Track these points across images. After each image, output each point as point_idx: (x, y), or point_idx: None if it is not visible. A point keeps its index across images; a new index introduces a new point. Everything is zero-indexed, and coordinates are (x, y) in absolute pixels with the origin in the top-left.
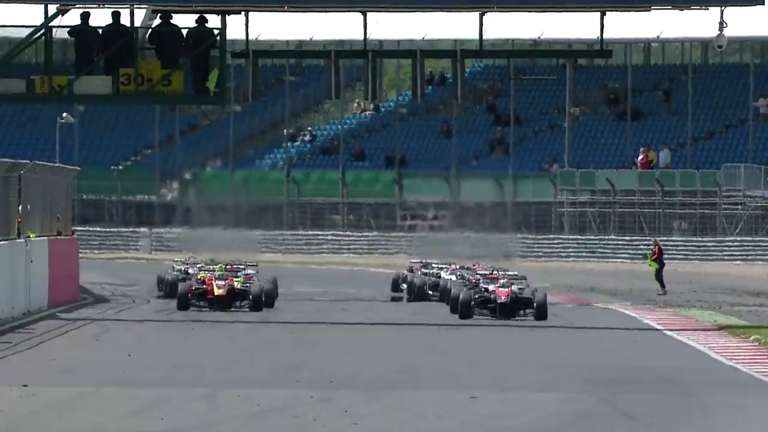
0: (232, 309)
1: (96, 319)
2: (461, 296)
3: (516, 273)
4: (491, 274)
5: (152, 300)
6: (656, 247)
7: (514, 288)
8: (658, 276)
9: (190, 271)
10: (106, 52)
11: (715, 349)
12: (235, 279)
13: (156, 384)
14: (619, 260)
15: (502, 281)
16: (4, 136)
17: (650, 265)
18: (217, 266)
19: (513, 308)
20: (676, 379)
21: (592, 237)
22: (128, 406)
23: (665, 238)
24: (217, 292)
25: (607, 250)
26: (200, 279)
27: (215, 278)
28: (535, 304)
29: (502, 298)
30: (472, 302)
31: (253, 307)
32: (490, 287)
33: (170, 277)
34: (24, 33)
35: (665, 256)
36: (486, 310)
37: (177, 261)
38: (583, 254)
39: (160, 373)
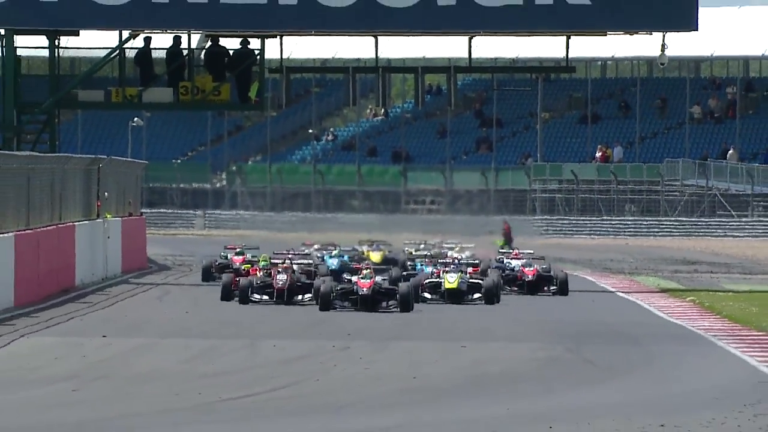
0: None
1: (159, 283)
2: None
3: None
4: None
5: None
6: (506, 225)
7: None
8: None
9: (234, 258)
10: (169, 68)
11: (659, 307)
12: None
13: (207, 336)
14: (581, 237)
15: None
16: (86, 136)
17: (496, 242)
18: (261, 257)
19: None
20: (627, 332)
21: (559, 217)
22: (184, 354)
23: (619, 218)
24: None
25: (571, 229)
26: (244, 270)
27: (259, 269)
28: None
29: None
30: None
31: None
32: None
33: (207, 262)
34: (101, 53)
35: (626, 232)
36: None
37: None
38: (551, 232)
39: (210, 327)
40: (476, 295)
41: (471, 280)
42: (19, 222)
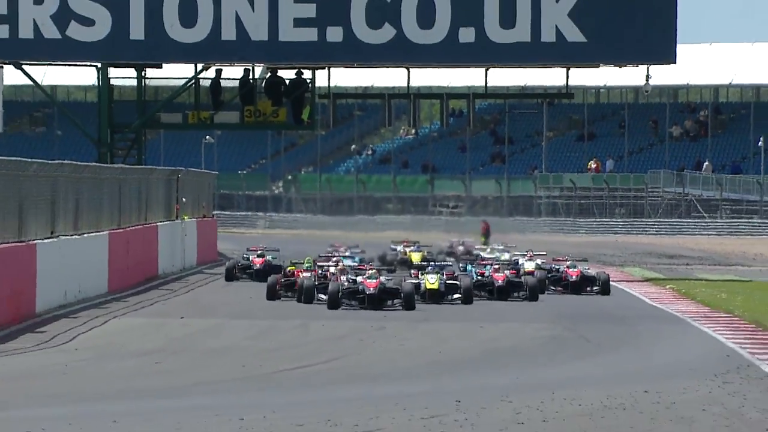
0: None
1: (249, 285)
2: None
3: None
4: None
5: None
6: (484, 224)
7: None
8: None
9: (255, 259)
10: (236, 95)
11: (643, 294)
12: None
13: (267, 317)
14: (579, 235)
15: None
16: (167, 151)
17: (482, 239)
18: (305, 259)
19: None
20: (616, 314)
21: (561, 219)
22: (249, 332)
23: (610, 219)
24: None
25: (570, 228)
26: (289, 271)
27: (303, 270)
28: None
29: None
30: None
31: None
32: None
33: (231, 264)
34: (180, 82)
35: (616, 231)
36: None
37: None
38: (554, 230)
39: (271, 310)
40: (456, 296)
41: (448, 281)
42: (113, 223)
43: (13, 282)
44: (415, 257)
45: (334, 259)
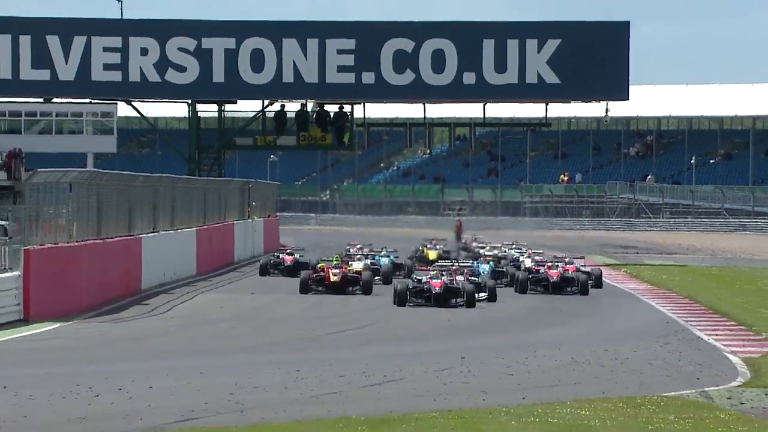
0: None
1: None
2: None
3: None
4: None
5: (318, 250)
6: (458, 223)
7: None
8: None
9: (285, 257)
10: (294, 123)
11: (604, 275)
12: (348, 267)
13: (316, 293)
14: (555, 231)
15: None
16: (242, 167)
17: (453, 235)
18: (334, 256)
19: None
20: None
21: (541, 218)
22: (302, 305)
23: (579, 219)
24: (332, 278)
25: (548, 225)
26: (319, 267)
27: (332, 267)
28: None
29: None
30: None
31: (363, 291)
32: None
33: (264, 261)
34: (251, 114)
35: (583, 228)
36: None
37: (279, 250)
38: (536, 228)
39: None
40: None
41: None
42: (199, 221)
43: (124, 266)
44: (432, 254)
45: (358, 256)
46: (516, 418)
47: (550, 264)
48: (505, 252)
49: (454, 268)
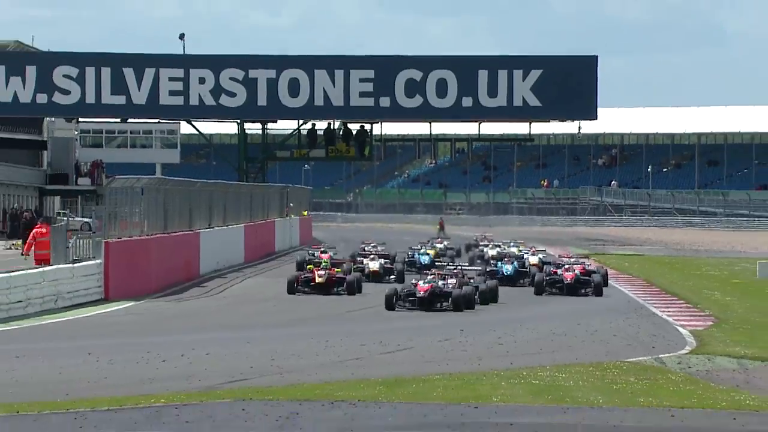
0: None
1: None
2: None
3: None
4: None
5: (342, 243)
6: (441, 220)
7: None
8: (441, 232)
9: (321, 255)
10: (323, 139)
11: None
12: (336, 270)
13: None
14: (536, 227)
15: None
16: (281, 175)
17: (437, 229)
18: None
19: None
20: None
21: (526, 217)
22: None
23: (556, 217)
24: (318, 280)
25: (531, 223)
26: (308, 268)
27: (319, 268)
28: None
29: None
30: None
31: (348, 292)
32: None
33: (300, 258)
34: (288, 131)
35: (559, 224)
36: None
37: (312, 249)
38: (522, 224)
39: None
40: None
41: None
42: (246, 219)
43: (185, 256)
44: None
45: (371, 255)
46: (505, 379)
47: (567, 266)
48: (505, 250)
49: (455, 270)
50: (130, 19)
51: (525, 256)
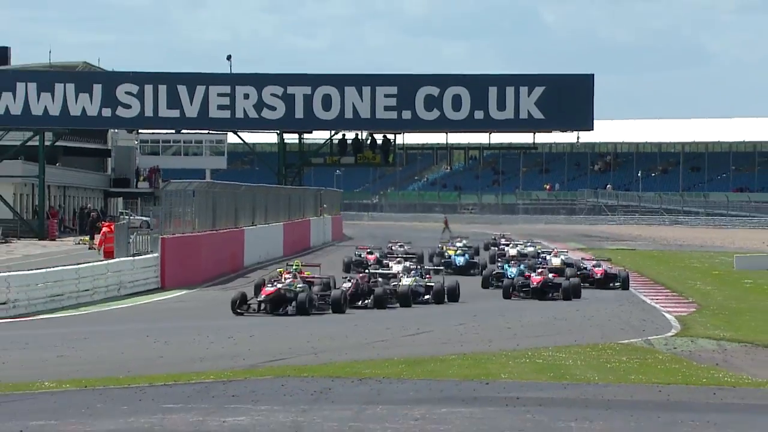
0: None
1: (349, 245)
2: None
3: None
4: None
5: (367, 238)
6: (445, 219)
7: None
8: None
9: (368, 256)
10: (352, 147)
11: (576, 256)
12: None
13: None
14: (540, 225)
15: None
16: (316, 179)
17: (444, 225)
18: (295, 262)
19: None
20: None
21: (531, 216)
22: None
23: (556, 216)
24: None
25: (536, 221)
26: (278, 272)
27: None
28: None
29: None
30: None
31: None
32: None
33: (347, 260)
34: (322, 140)
35: (561, 222)
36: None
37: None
38: (528, 223)
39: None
40: (427, 297)
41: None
42: (285, 218)
43: (231, 250)
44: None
45: (398, 259)
46: (512, 359)
47: (594, 264)
48: (525, 249)
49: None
50: (184, 43)
51: (547, 257)
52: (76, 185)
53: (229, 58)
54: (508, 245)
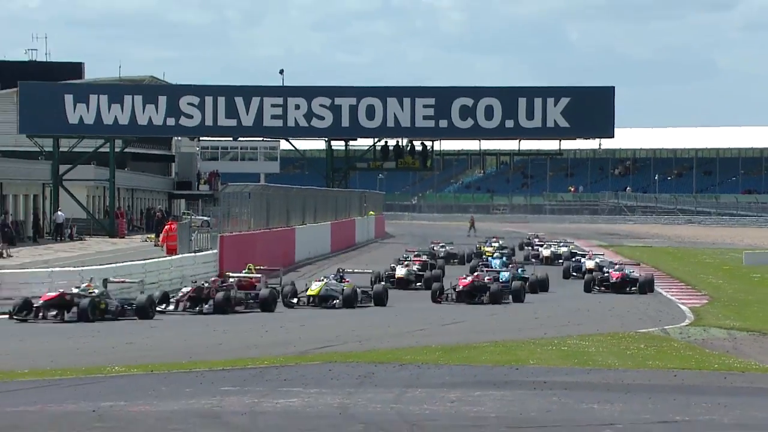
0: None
1: (391, 243)
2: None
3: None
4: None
5: (410, 235)
6: (471, 218)
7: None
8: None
9: (410, 257)
10: (393, 153)
11: (599, 252)
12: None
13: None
14: (565, 224)
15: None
16: (360, 182)
17: (470, 224)
18: (248, 266)
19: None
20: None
21: (557, 216)
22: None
23: (580, 216)
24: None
25: (561, 220)
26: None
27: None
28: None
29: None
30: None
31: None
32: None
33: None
34: (365, 147)
35: (584, 222)
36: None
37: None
38: (554, 222)
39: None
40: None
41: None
42: (332, 217)
43: (283, 247)
44: (488, 250)
45: (406, 262)
46: (540, 346)
47: (617, 268)
48: (558, 250)
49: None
50: (241, 58)
51: (582, 260)
52: (143, 188)
53: (281, 72)
54: (541, 245)
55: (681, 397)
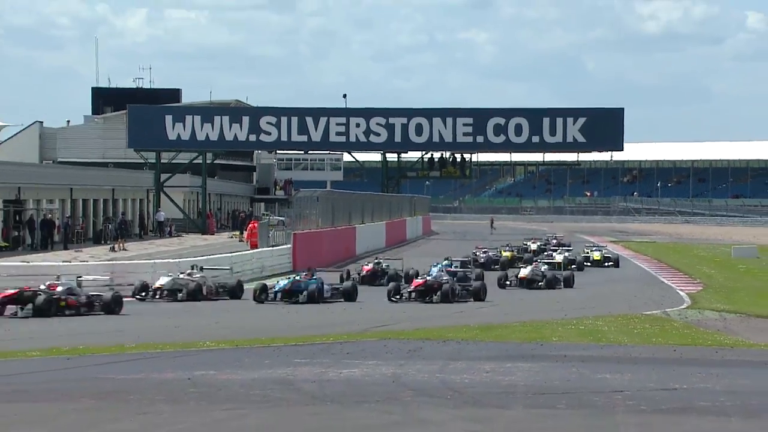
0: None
1: (437, 239)
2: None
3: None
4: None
5: (452, 233)
6: (491, 218)
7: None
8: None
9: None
10: (438, 164)
11: (609, 247)
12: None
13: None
14: (582, 223)
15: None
16: (411, 188)
17: (491, 223)
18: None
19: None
20: None
21: (576, 216)
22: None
23: (595, 216)
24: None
25: (578, 220)
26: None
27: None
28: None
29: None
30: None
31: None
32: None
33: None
34: (414, 159)
35: (598, 221)
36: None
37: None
38: (574, 221)
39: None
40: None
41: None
42: (387, 218)
43: (346, 242)
44: (507, 255)
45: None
46: (561, 326)
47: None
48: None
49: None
50: (311, 85)
51: (588, 251)
52: (229, 193)
53: (344, 96)
54: (555, 251)
55: (680, 368)
